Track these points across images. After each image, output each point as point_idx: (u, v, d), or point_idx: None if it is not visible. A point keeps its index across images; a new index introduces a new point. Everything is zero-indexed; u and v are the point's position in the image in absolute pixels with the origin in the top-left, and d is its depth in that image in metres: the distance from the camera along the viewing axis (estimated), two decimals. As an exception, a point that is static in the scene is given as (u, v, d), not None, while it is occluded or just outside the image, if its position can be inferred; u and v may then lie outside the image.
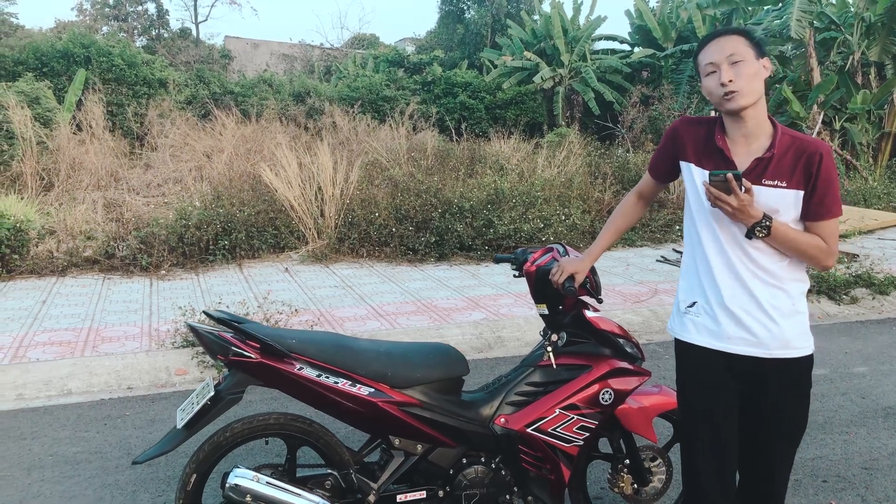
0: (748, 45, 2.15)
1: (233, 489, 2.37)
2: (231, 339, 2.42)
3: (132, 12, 31.65)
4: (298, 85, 19.15)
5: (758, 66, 2.15)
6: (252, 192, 9.14)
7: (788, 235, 2.14)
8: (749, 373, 2.24)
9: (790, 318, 2.21)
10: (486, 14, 27.82)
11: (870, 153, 14.94)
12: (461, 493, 2.67)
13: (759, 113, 2.18)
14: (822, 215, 2.16)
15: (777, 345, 2.20)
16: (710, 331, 2.27)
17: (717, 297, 2.24)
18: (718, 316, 2.24)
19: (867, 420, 4.24)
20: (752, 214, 2.11)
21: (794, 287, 2.22)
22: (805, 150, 2.14)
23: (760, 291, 2.20)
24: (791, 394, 2.25)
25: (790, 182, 2.14)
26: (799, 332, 2.23)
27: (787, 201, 2.15)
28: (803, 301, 2.26)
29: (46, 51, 15.53)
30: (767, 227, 2.12)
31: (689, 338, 2.32)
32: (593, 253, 2.65)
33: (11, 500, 3.29)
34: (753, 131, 2.19)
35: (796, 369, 2.23)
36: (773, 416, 2.24)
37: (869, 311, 6.67)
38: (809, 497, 3.34)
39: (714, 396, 2.29)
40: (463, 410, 2.66)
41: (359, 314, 6.03)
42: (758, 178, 2.16)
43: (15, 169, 10.42)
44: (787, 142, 2.16)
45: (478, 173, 10.60)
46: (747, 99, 2.13)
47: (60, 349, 5.09)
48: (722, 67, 2.14)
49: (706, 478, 2.33)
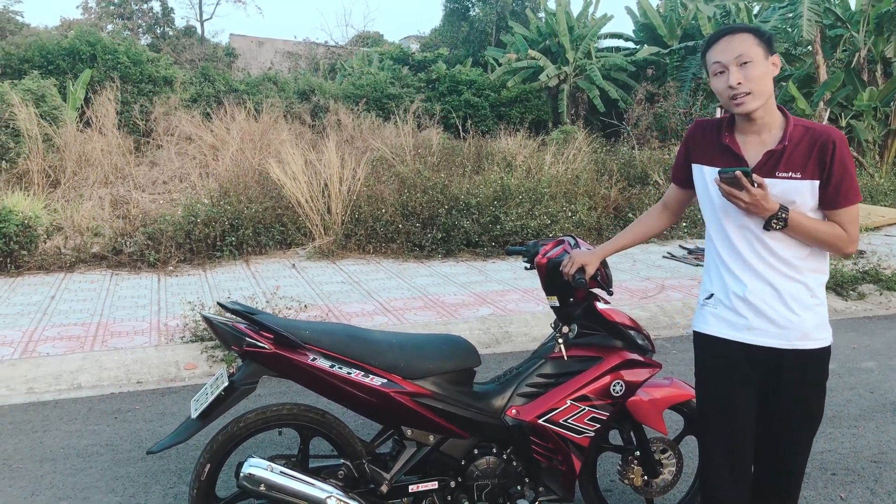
0: (757, 44, 2.12)
1: (247, 478, 2.39)
2: (245, 330, 2.43)
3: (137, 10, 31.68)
4: (303, 83, 19.17)
5: (766, 66, 2.12)
6: (259, 188, 9.16)
7: (806, 226, 2.13)
8: (767, 363, 2.24)
9: (810, 310, 2.21)
10: (490, 12, 27.81)
11: (876, 150, 14.89)
12: (473, 483, 2.68)
13: (769, 110, 2.17)
14: (839, 203, 2.14)
15: (796, 336, 2.20)
16: (728, 322, 2.27)
17: (736, 290, 2.24)
18: (738, 307, 2.24)
19: (875, 414, 4.24)
20: (767, 208, 2.10)
21: (813, 278, 2.22)
22: (818, 140, 2.12)
23: (780, 283, 2.19)
24: (809, 385, 2.25)
25: (804, 173, 2.13)
26: (818, 322, 2.23)
27: (803, 192, 2.14)
28: (822, 292, 2.26)
29: (52, 49, 15.56)
30: (784, 220, 2.11)
31: (708, 329, 2.32)
32: (606, 248, 2.66)
33: (24, 492, 3.31)
34: (765, 126, 2.19)
35: (815, 360, 2.23)
36: (791, 408, 2.25)
37: (876, 307, 6.66)
38: (819, 490, 3.34)
39: (732, 388, 2.29)
40: (475, 402, 2.67)
41: (366, 310, 6.04)
42: (771, 171, 2.15)
43: (21, 166, 10.45)
44: (800, 132, 2.15)
45: (484, 170, 10.60)
46: (756, 101, 2.12)
47: (70, 344, 5.12)
48: (730, 69, 2.11)
49: (719, 471, 2.33)
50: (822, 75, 14.63)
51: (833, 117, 14.87)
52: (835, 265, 7.06)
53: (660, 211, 2.65)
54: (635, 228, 2.68)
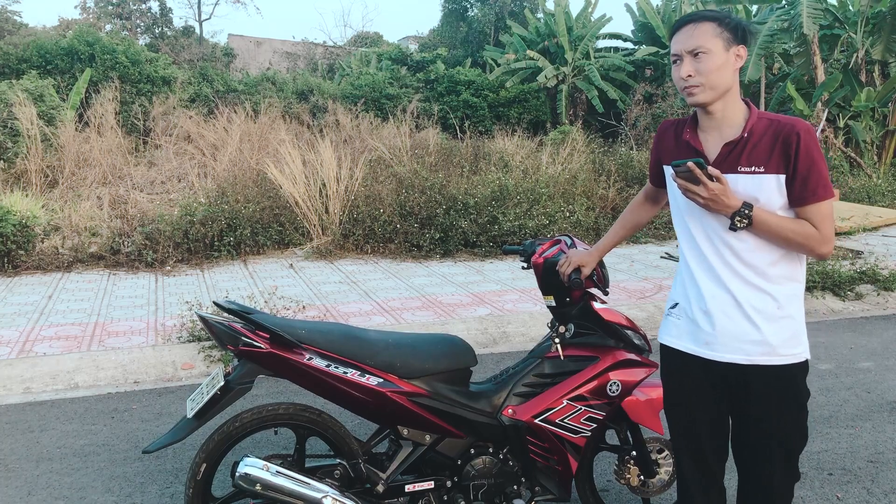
0: (717, 35, 1.99)
1: (243, 478, 2.38)
2: (241, 329, 2.43)
3: (135, 10, 31.65)
4: (302, 83, 19.17)
5: (725, 58, 2.00)
6: (257, 188, 9.16)
7: (772, 223, 1.99)
8: (732, 379, 2.12)
9: (775, 323, 2.06)
10: (489, 12, 27.82)
11: (874, 151, 14.90)
12: (469, 483, 2.68)
13: (730, 103, 2.07)
14: (807, 199, 1.99)
15: (760, 351, 2.06)
16: (690, 334, 2.18)
17: (697, 299, 2.14)
18: (698, 318, 2.14)
19: (872, 414, 4.24)
20: (728, 204, 1.98)
21: (781, 288, 2.07)
22: (781, 131, 1.99)
23: (741, 292, 2.07)
24: (779, 402, 2.09)
25: (768, 167, 2.00)
26: (786, 337, 2.07)
27: (769, 187, 2.01)
28: (794, 304, 2.10)
29: (50, 48, 15.55)
30: (748, 217, 1.98)
31: (670, 340, 2.25)
32: (601, 246, 2.65)
33: (21, 491, 3.31)
34: (724, 121, 2.08)
35: (784, 376, 2.08)
36: (762, 427, 2.12)
37: (873, 307, 6.66)
38: (815, 490, 3.34)
39: (693, 403, 2.21)
40: (471, 401, 2.67)
41: (364, 309, 6.04)
42: (733, 165, 2.03)
43: (20, 166, 10.44)
44: (764, 125, 2.02)
45: (482, 170, 10.61)
46: (708, 94, 2.02)
47: (67, 343, 5.11)
48: (683, 59, 2.02)
49: (689, 480, 2.29)
50: (820, 76, 14.64)
51: (831, 118, 14.89)
52: (834, 265, 7.07)
53: (642, 201, 2.61)
54: (625, 218, 2.64)
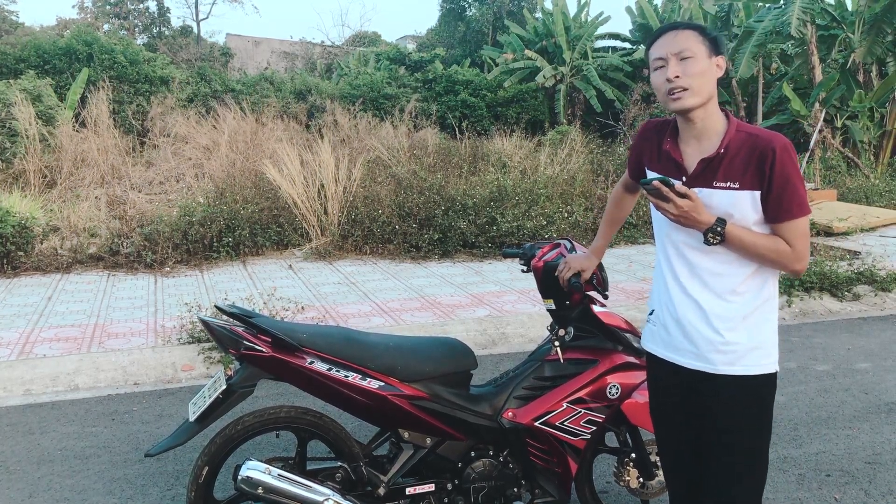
0: (700, 42, 2.01)
1: (245, 481, 2.40)
2: (242, 333, 2.44)
3: (133, 10, 31.63)
4: (300, 83, 19.17)
5: (709, 65, 2.00)
6: (255, 189, 9.16)
7: (745, 240, 1.98)
8: (701, 386, 2.13)
9: (741, 333, 2.06)
10: (487, 12, 27.83)
11: (871, 151, 14.95)
12: (469, 485, 2.70)
13: (710, 113, 2.05)
14: (781, 216, 1.98)
15: (724, 360, 2.07)
16: (662, 340, 2.21)
17: (669, 306, 2.16)
18: (669, 326, 2.17)
19: (870, 415, 4.26)
20: (700, 220, 1.96)
21: (750, 300, 2.06)
22: (758, 147, 1.97)
23: (708, 302, 2.07)
24: (741, 412, 2.09)
25: (743, 183, 1.98)
26: (752, 347, 2.06)
27: (743, 204, 1.99)
28: (763, 316, 2.09)
29: (48, 48, 15.54)
30: (721, 234, 1.97)
31: (647, 346, 2.30)
32: (597, 248, 2.66)
33: (22, 493, 3.31)
34: (704, 132, 2.06)
35: (750, 387, 2.07)
36: (722, 437, 2.10)
37: (871, 308, 6.68)
38: (813, 491, 3.36)
39: (668, 408, 2.26)
40: (471, 404, 2.68)
41: (363, 310, 6.05)
42: (708, 180, 2.02)
43: (18, 166, 10.44)
44: (742, 139, 2.00)
45: (480, 171, 10.62)
46: (694, 99, 2.00)
47: (67, 345, 5.12)
48: (669, 62, 2.00)
49: (672, 483, 2.33)
50: (818, 76, 14.67)
51: (828, 118, 14.92)
52: (831, 265, 7.09)
53: (622, 193, 2.60)
54: (612, 214, 2.64)
